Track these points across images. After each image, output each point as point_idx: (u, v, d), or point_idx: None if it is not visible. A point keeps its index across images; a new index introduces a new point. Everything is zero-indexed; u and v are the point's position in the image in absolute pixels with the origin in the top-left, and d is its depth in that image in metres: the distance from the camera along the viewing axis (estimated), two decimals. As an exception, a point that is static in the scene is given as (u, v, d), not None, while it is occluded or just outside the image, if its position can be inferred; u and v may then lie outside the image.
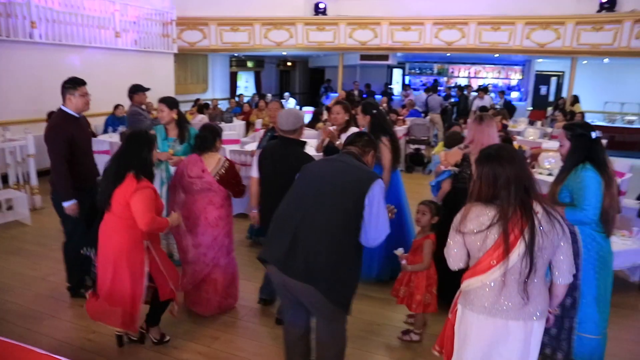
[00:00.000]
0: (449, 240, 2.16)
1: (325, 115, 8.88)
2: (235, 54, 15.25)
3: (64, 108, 3.68)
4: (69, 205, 3.60)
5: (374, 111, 4.15)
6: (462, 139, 4.07)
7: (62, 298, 3.91)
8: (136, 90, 5.58)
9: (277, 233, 2.46)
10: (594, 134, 2.72)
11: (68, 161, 3.59)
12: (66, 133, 3.58)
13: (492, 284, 2.02)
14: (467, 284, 2.10)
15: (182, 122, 4.30)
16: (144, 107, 5.76)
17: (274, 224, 2.52)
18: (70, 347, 3.13)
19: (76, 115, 3.71)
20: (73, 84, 3.65)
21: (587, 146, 2.69)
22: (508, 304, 2.01)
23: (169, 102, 4.21)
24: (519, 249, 1.94)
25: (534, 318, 2.02)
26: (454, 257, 2.15)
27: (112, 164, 2.95)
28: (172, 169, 4.20)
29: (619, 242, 4.17)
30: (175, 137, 4.25)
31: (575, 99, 11.50)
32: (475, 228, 2.01)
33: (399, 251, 3.35)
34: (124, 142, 3.06)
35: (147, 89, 5.64)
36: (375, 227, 2.37)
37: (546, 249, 1.98)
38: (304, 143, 3.51)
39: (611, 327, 3.55)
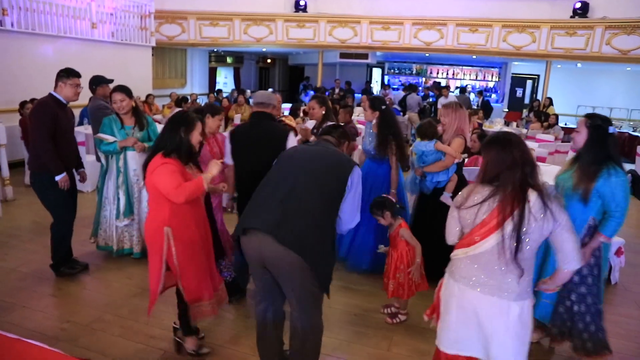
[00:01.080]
0: (448, 215, 2.29)
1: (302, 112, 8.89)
2: (215, 49, 15.13)
3: (53, 93, 3.86)
4: (60, 177, 3.79)
5: (383, 107, 4.14)
6: (437, 130, 4.08)
7: (34, 288, 3.83)
8: (99, 82, 5.25)
9: (265, 202, 2.41)
10: (611, 129, 2.77)
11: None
12: (52, 111, 3.75)
13: (473, 258, 2.12)
14: (454, 254, 2.22)
15: (138, 110, 4.31)
16: (107, 100, 5.50)
17: (258, 195, 2.49)
18: (43, 336, 3.06)
19: (64, 101, 3.88)
20: (67, 73, 3.85)
21: (604, 139, 2.73)
22: (486, 279, 2.10)
23: (128, 91, 4.20)
24: (504, 230, 2.00)
25: (511, 299, 2.07)
26: (449, 231, 2.28)
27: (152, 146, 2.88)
28: (131, 161, 4.23)
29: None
30: (133, 125, 4.24)
31: (550, 102, 11.80)
32: (468, 203, 2.12)
33: (382, 248, 3.51)
34: (164, 125, 2.90)
35: (110, 81, 5.31)
36: (352, 211, 2.50)
37: (533, 234, 2.01)
38: (276, 118, 3.59)
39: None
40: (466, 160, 5.06)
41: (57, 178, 3.77)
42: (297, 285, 2.39)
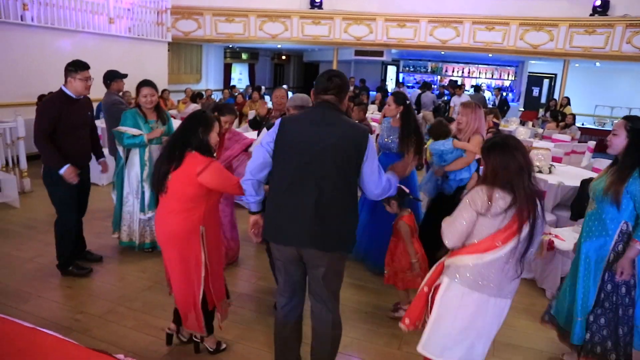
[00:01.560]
0: (458, 217, 2.23)
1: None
2: (230, 45, 15.18)
3: (63, 88, 3.74)
4: (64, 171, 3.67)
5: (407, 102, 4.14)
6: (449, 129, 4.02)
7: (50, 279, 3.89)
8: (114, 77, 5.25)
9: (296, 214, 2.35)
10: None
11: (52, 138, 3.68)
12: (54, 111, 3.65)
13: (488, 262, 2.17)
14: (461, 259, 2.24)
15: (158, 105, 4.34)
16: (120, 94, 5.50)
17: (284, 202, 2.38)
18: (57, 326, 3.11)
19: (74, 96, 3.75)
20: (75, 67, 3.71)
21: None
22: (493, 281, 2.18)
23: (155, 86, 4.24)
24: (521, 233, 2.13)
25: (508, 297, 2.26)
26: (457, 232, 2.23)
27: (166, 146, 2.75)
28: (155, 154, 4.19)
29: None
30: (156, 119, 4.28)
31: (567, 101, 11.63)
32: (495, 210, 2.13)
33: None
34: (181, 124, 2.78)
35: (125, 76, 5.35)
36: (374, 174, 2.41)
37: (537, 236, 2.18)
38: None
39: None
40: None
41: (61, 171, 3.65)
42: (331, 273, 2.46)
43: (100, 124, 7.35)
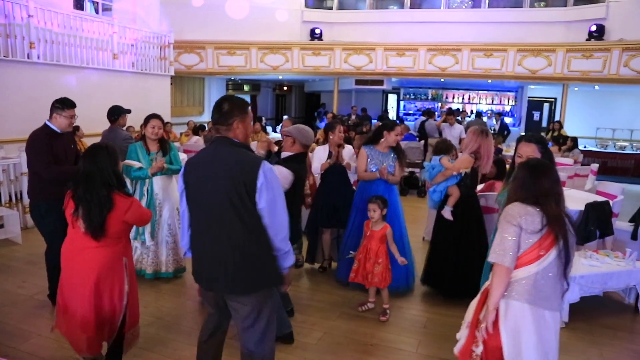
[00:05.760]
0: (504, 237, 2.24)
1: (318, 136, 8.92)
2: (232, 78, 15.41)
3: (48, 123, 3.78)
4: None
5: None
6: (451, 147, 4.34)
7: (50, 317, 3.83)
8: (120, 113, 5.29)
9: (197, 256, 2.43)
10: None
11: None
12: (48, 143, 3.68)
13: (538, 273, 2.23)
14: (514, 275, 2.25)
15: (162, 137, 4.51)
16: (124, 128, 5.62)
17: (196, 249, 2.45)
18: (56, 366, 3.06)
19: (58, 131, 3.79)
20: (62, 105, 3.76)
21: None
22: (547, 292, 2.25)
23: (163, 119, 4.41)
24: (558, 245, 2.23)
25: (558, 310, 2.32)
26: (512, 250, 2.23)
27: (87, 189, 2.69)
28: (156, 186, 4.45)
29: (612, 264, 4.18)
30: (157, 150, 4.43)
31: (560, 125, 11.69)
32: (531, 227, 2.22)
33: (352, 254, 3.97)
34: (90, 161, 2.74)
35: (129, 111, 5.40)
36: (275, 215, 2.28)
37: (572, 249, 2.30)
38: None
39: (607, 350, 3.55)
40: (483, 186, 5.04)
41: None
42: (241, 312, 2.41)
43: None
